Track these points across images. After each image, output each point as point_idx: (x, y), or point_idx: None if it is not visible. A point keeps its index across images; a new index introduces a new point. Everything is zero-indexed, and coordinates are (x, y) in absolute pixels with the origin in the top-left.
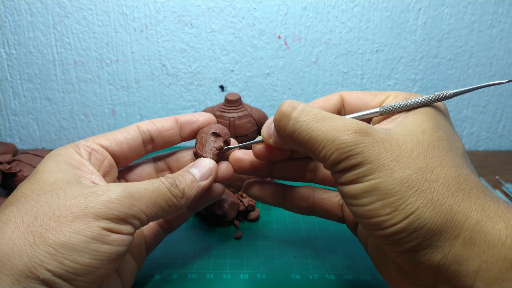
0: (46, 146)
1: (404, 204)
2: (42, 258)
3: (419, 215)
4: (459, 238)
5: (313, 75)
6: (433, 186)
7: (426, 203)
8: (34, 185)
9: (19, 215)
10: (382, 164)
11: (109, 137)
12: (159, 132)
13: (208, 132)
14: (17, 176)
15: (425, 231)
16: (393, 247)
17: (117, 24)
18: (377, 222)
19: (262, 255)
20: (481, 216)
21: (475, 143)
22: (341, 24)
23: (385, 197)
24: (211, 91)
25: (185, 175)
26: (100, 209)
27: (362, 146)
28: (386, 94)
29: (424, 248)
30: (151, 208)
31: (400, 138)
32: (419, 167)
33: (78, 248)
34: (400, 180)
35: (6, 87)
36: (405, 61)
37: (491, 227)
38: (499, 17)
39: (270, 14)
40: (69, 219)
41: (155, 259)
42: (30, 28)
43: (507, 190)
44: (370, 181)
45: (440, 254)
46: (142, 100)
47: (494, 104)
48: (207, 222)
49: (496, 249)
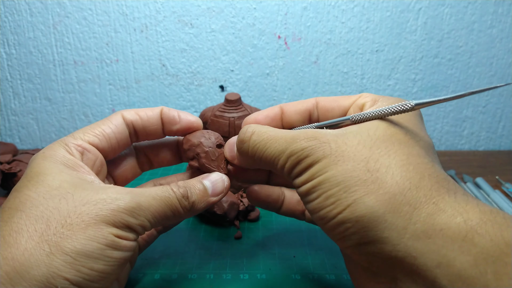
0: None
1: (347, 193)
2: (60, 267)
3: (360, 203)
4: (408, 230)
5: (313, 75)
6: (375, 175)
7: (367, 192)
8: (39, 188)
9: (30, 223)
10: (328, 161)
11: (97, 133)
12: (143, 126)
13: (212, 146)
14: (17, 176)
15: (367, 220)
16: (343, 242)
17: (117, 24)
18: (323, 214)
19: (262, 255)
20: (433, 209)
21: (475, 143)
22: (341, 24)
23: (329, 188)
24: (211, 91)
25: (198, 187)
26: (110, 217)
27: (309, 149)
28: (358, 95)
29: (371, 240)
30: (157, 217)
31: (349, 137)
32: (363, 158)
33: (94, 255)
34: (344, 171)
35: (6, 87)
36: (405, 61)
37: (447, 220)
38: (499, 17)
39: (270, 14)
40: (82, 227)
41: (155, 259)
42: (30, 28)
43: (507, 190)
44: (318, 177)
45: (389, 246)
46: (142, 100)
47: (494, 104)
48: (207, 222)
49: (456, 244)
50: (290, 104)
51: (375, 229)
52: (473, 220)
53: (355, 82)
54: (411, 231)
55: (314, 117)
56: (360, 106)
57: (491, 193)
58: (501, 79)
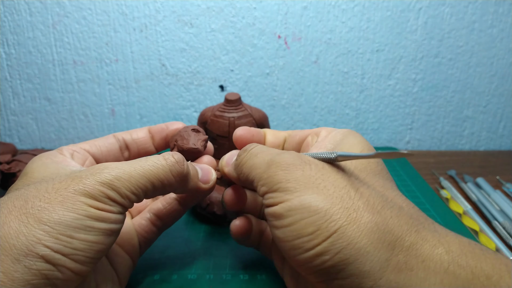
0: (46, 146)
1: (328, 222)
2: (38, 236)
3: (342, 233)
4: (391, 262)
5: (313, 75)
6: (358, 204)
7: (350, 221)
8: (24, 181)
9: (10, 202)
10: (307, 182)
11: (89, 143)
12: (132, 139)
13: (187, 130)
14: (16, 176)
15: (348, 252)
16: (317, 277)
17: (117, 23)
18: (299, 243)
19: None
20: (416, 238)
21: (476, 143)
22: (341, 23)
23: (309, 214)
24: (211, 91)
25: (191, 166)
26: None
27: (288, 163)
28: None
29: (350, 275)
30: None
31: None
32: (344, 185)
33: (73, 224)
34: (325, 197)
35: (5, 87)
36: (406, 60)
37: (430, 251)
38: (499, 16)
39: (270, 13)
40: (59, 200)
41: (155, 259)
42: (30, 27)
43: (507, 190)
44: (296, 198)
45: (370, 281)
46: (141, 100)
47: (494, 104)
48: (207, 222)
49: (438, 277)
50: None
51: (356, 262)
52: (454, 251)
53: (355, 82)
54: (393, 263)
55: None
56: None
57: (491, 193)
58: (502, 79)
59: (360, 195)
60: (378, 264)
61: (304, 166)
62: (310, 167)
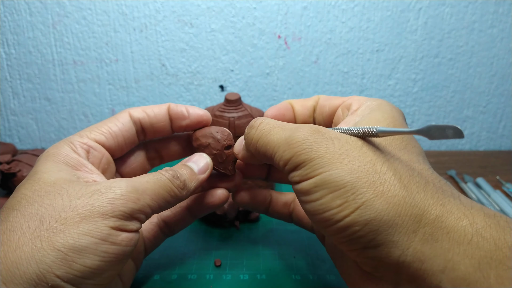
0: (46, 146)
1: (354, 195)
2: (50, 263)
3: (369, 205)
4: (418, 233)
5: (313, 75)
6: (384, 177)
7: (376, 194)
8: (35, 186)
9: (24, 221)
10: (332, 157)
11: (104, 131)
12: (151, 124)
13: (220, 148)
14: (16, 176)
15: (377, 223)
16: (349, 245)
17: (117, 23)
18: (329, 216)
19: (262, 255)
20: (441, 211)
21: (476, 143)
22: (341, 23)
23: (335, 188)
24: (211, 91)
25: (184, 168)
26: (106, 207)
27: (311, 141)
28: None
29: (380, 244)
30: (155, 200)
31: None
32: (369, 160)
33: (87, 250)
34: (350, 171)
35: (5, 87)
36: (406, 60)
37: (454, 223)
38: (499, 16)
39: (270, 13)
40: (76, 221)
41: (155, 260)
42: (30, 27)
43: (507, 190)
44: (321, 174)
45: (398, 250)
46: (141, 100)
47: (494, 104)
48: (207, 223)
49: (462, 247)
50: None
51: (385, 232)
52: (478, 223)
53: (355, 82)
54: (420, 234)
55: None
56: (348, 106)
57: (491, 193)
58: (502, 79)
59: (387, 169)
60: (405, 235)
61: (327, 142)
62: (333, 142)
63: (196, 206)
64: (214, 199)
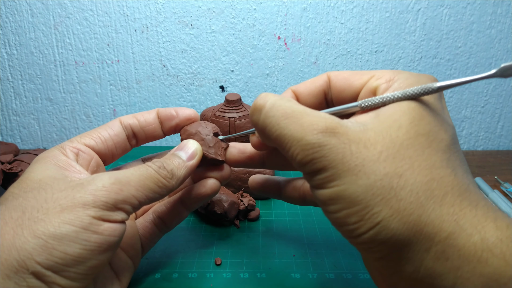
0: (47, 146)
1: (370, 214)
2: (31, 250)
3: (385, 225)
4: (431, 252)
5: (313, 75)
6: (400, 194)
7: (392, 213)
8: (21, 184)
9: (7, 212)
10: (347, 169)
11: (94, 136)
12: (141, 127)
13: (209, 134)
14: (18, 176)
15: (393, 243)
16: (367, 254)
17: (118, 25)
18: (347, 230)
19: (262, 254)
20: (454, 228)
21: (474, 143)
22: (340, 25)
23: (350, 205)
24: (211, 91)
25: (172, 158)
26: (88, 197)
27: (327, 148)
28: (370, 74)
29: (395, 259)
30: (141, 191)
31: (371, 137)
32: (386, 173)
33: (67, 238)
34: (365, 188)
35: (7, 87)
36: (404, 61)
37: (466, 240)
38: (498, 17)
39: (270, 15)
40: (57, 211)
41: (156, 258)
42: (31, 28)
43: (506, 190)
44: (335, 187)
45: (411, 267)
46: (143, 101)
47: (492, 104)
48: (207, 222)
49: (471, 265)
50: (301, 86)
51: (400, 250)
52: (489, 239)
53: None
54: (432, 252)
55: (328, 98)
56: (372, 90)
57: (489, 193)
58: (500, 80)
59: (404, 183)
60: (419, 253)
61: (344, 148)
62: (350, 148)
63: (188, 197)
64: (206, 189)
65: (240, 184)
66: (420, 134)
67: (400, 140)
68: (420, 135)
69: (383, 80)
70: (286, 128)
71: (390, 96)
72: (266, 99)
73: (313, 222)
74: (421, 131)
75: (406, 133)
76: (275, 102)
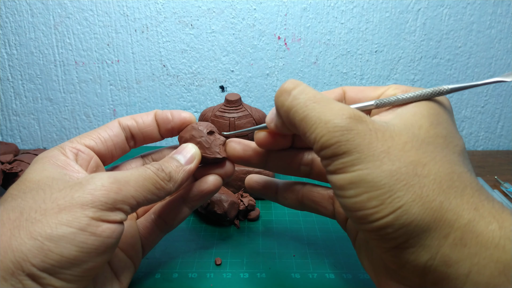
0: (47, 146)
1: (391, 198)
2: (26, 252)
3: (406, 210)
4: (449, 238)
5: (313, 75)
6: (423, 181)
7: (414, 198)
8: (20, 185)
9: (5, 213)
10: (372, 155)
11: (93, 136)
12: (139, 129)
13: (203, 135)
14: (18, 176)
15: (412, 228)
16: (380, 243)
17: (118, 25)
18: (364, 215)
19: (262, 254)
20: (474, 216)
21: (474, 143)
22: (340, 25)
23: (372, 189)
24: (211, 91)
25: (170, 161)
26: (86, 197)
27: (354, 132)
28: (387, 87)
29: (411, 246)
30: (139, 191)
31: (395, 130)
32: (410, 161)
33: (64, 240)
34: (389, 173)
35: (7, 87)
36: (404, 61)
37: (484, 227)
38: (498, 17)
39: (270, 15)
40: (55, 211)
41: (156, 258)
42: (31, 28)
43: (505, 190)
44: (357, 171)
45: (427, 254)
46: (143, 101)
47: (492, 104)
48: (207, 222)
49: (488, 251)
50: None
51: (418, 236)
52: (507, 227)
53: (354, 83)
54: (451, 239)
55: None
56: None
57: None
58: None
59: (428, 172)
60: (437, 240)
61: (370, 135)
62: (377, 136)
63: (190, 195)
64: (207, 185)
65: (240, 184)
66: (439, 136)
67: (421, 137)
68: (439, 136)
69: (399, 90)
70: (314, 110)
71: (405, 96)
72: (296, 83)
73: (313, 222)
74: (439, 134)
75: (427, 132)
76: (305, 86)
